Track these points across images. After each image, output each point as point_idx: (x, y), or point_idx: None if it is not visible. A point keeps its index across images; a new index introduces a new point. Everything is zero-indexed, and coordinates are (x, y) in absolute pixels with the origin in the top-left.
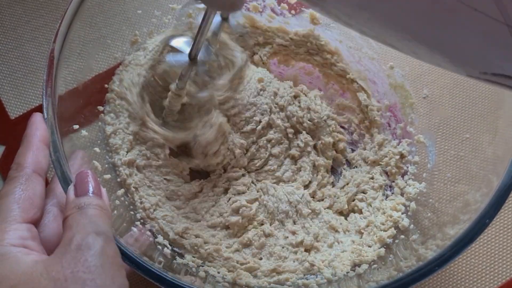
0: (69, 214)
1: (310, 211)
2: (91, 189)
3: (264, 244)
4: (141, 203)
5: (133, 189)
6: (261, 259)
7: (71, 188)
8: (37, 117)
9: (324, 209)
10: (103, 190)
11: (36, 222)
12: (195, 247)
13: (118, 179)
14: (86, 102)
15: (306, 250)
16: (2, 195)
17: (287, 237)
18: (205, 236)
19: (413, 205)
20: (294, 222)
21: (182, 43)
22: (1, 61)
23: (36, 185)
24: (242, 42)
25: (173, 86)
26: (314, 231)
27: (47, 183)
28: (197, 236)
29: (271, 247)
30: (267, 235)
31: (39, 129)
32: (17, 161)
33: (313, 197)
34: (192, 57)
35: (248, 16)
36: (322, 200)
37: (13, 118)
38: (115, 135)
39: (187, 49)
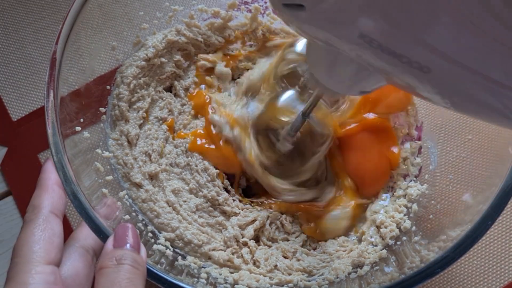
0: (105, 266)
1: None
2: (130, 242)
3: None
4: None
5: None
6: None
7: (110, 239)
8: (49, 164)
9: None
10: (143, 247)
11: (57, 264)
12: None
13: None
14: (88, 104)
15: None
16: (22, 237)
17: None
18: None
19: (415, 206)
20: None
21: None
22: (3, 62)
23: (54, 225)
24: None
25: (284, 132)
26: None
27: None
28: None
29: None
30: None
31: (52, 173)
32: (33, 203)
33: None
34: (306, 115)
35: (249, 17)
36: None
37: (15, 120)
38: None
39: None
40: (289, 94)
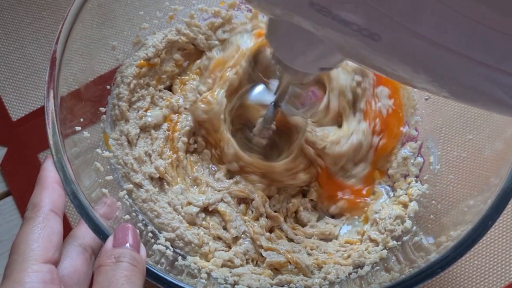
0: (104, 263)
1: None
2: (130, 242)
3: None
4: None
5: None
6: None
7: (110, 239)
8: (48, 162)
9: None
10: (142, 247)
11: (56, 262)
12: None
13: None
14: (88, 104)
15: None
16: (21, 234)
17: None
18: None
19: (415, 206)
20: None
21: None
22: (3, 62)
23: (54, 224)
24: None
25: (258, 127)
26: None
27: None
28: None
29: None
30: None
31: (51, 171)
32: (33, 201)
33: None
34: (277, 105)
35: (250, 17)
36: None
37: (15, 119)
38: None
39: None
40: (259, 89)
